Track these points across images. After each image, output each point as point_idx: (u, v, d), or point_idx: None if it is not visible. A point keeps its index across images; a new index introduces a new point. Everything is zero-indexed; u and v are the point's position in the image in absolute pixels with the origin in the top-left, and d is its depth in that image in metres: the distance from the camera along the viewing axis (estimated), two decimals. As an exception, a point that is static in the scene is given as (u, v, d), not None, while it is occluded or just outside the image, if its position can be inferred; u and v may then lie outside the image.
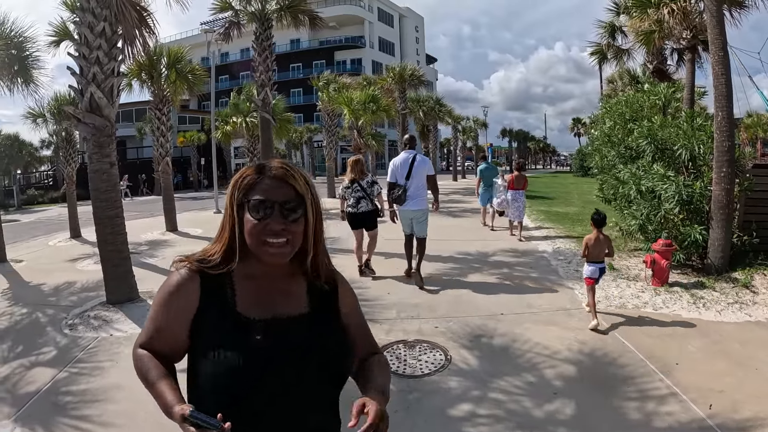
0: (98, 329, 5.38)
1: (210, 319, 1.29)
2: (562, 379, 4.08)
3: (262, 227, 1.25)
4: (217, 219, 12.70)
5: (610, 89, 31.01)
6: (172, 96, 12.42)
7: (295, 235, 1.27)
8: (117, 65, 6.01)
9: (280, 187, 1.27)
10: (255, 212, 1.25)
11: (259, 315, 1.29)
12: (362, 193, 7.33)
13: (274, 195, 1.26)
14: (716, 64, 7.13)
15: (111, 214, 6.03)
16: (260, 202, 1.25)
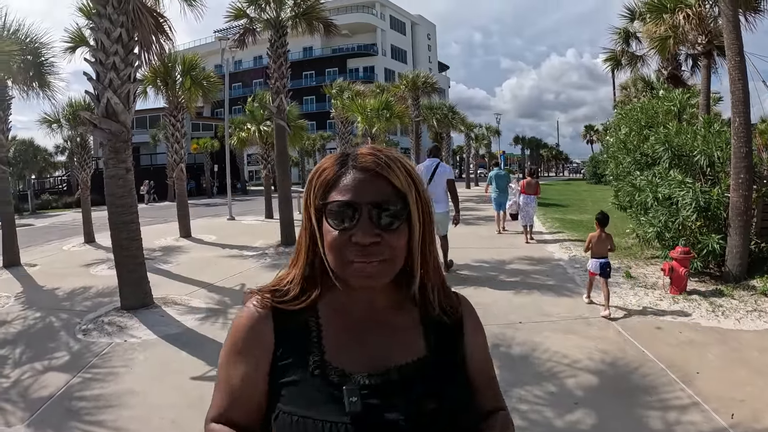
0: (112, 335, 5.37)
1: (287, 373, 0.95)
2: (582, 389, 4.02)
3: (346, 240, 0.89)
4: (230, 226, 12.93)
5: (624, 96, 30.74)
6: (187, 103, 12.52)
7: (394, 250, 0.91)
8: (133, 71, 6.03)
9: (371, 182, 0.91)
10: (335, 219, 0.90)
11: (356, 366, 0.94)
12: None
13: (360, 194, 0.90)
14: (733, 69, 7.08)
15: (126, 220, 6.03)
16: (342, 206, 0.90)
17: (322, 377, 0.92)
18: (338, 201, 0.89)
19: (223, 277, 8.20)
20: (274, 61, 10.75)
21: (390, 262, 0.90)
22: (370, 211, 0.88)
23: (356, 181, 0.90)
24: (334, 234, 0.89)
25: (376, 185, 0.90)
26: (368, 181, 0.90)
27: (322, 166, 0.96)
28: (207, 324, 5.78)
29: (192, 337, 5.35)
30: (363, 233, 0.87)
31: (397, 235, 0.90)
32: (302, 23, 10.78)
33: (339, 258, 0.90)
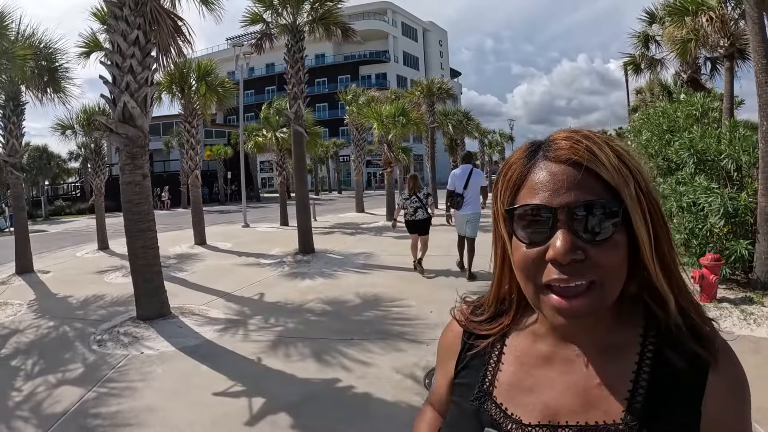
0: (128, 346, 5.18)
1: (458, 392, 0.87)
2: None
3: (538, 258, 0.70)
4: (245, 233, 12.82)
5: (639, 100, 30.42)
6: (202, 109, 12.42)
7: (605, 270, 0.68)
8: (150, 74, 5.87)
9: (569, 178, 0.69)
10: (524, 230, 0.72)
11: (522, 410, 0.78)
12: (419, 204, 8.64)
13: (555, 194, 0.69)
14: (759, 72, 6.92)
15: (143, 228, 5.86)
16: (530, 212, 0.71)
17: (477, 410, 0.80)
18: (525, 206, 0.71)
19: (240, 286, 8.02)
20: (291, 66, 10.59)
21: (599, 287, 0.68)
22: (568, 218, 0.68)
23: (549, 177, 0.70)
24: (523, 250, 0.71)
25: (576, 181, 0.69)
26: (565, 176, 0.69)
27: (509, 161, 0.77)
28: (227, 336, 5.57)
29: (211, 349, 5.14)
30: (561, 247, 0.66)
31: (609, 249, 0.68)
32: (320, 28, 10.63)
33: (530, 282, 0.71)
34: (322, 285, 8.07)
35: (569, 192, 0.68)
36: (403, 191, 9.01)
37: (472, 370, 0.86)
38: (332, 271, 9.18)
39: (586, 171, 0.68)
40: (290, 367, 4.65)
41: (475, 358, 0.86)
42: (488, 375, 0.83)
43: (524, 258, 0.70)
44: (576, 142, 0.70)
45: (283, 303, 7.00)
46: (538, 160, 0.73)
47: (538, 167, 0.72)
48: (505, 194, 0.75)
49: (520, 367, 0.81)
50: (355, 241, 13.27)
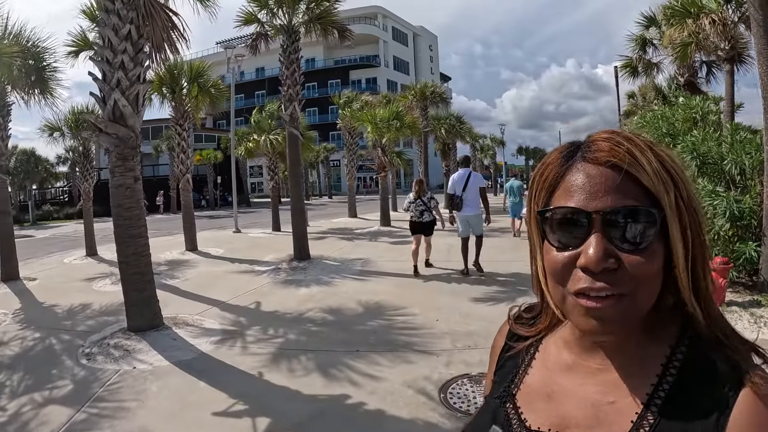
0: (119, 360, 4.83)
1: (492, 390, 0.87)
2: None
3: (569, 264, 0.66)
4: (237, 239, 12.55)
5: (631, 105, 30.53)
6: (193, 112, 12.07)
7: (639, 281, 0.64)
8: (143, 71, 5.54)
9: (607, 181, 0.65)
10: (554, 232, 0.69)
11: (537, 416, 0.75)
12: (424, 207, 9.07)
13: (591, 198, 0.66)
14: (764, 75, 6.94)
15: (134, 233, 5.52)
16: (564, 215, 0.67)
17: (496, 408, 0.81)
18: (558, 208, 0.68)
19: (235, 294, 7.70)
20: (287, 67, 10.30)
21: (630, 299, 0.63)
22: (603, 223, 0.64)
23: (586, 179, 0.66)
24: (554, 254, 0.68)
25: (614, 185, 0.65)
26: (603, 180, 0.65)
27: (546, 161, 0.74)
28: (224, 348, 5.26)
29: (209, 363, 4.82)
30: (594, 255, 0.63)
31: (645, 259, 0.63)
32: (316, 28, 10.36)
33: (558, 287, 0.68)
34: (321, 293, 7.80)
35: (606, 196, 0.64)
36: (409, 195, 9.33)
37: (506, 371, 0.86)
38: (329, 278, 8.93)
39: (626, 175, 0.64)
40: (294, 382, 4.36)
41: (510, 360, 0.86)
42: (516, 377, 0.82)
43: (554, 262, 0.67)
44: (617, 143, 0.66)
45: (281, 312, 6.72)
46: (575, 161, 0.69)
47: (576, 168, 0.68)
48: (540, 195, 0.73)
49: (544, 373, 0.79)
50: (351, 246, 13.03)
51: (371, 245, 13.24)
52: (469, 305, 6.73)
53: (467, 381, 4.29)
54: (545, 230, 0.69)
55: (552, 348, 0.81)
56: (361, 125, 19.50)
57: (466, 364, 4.64)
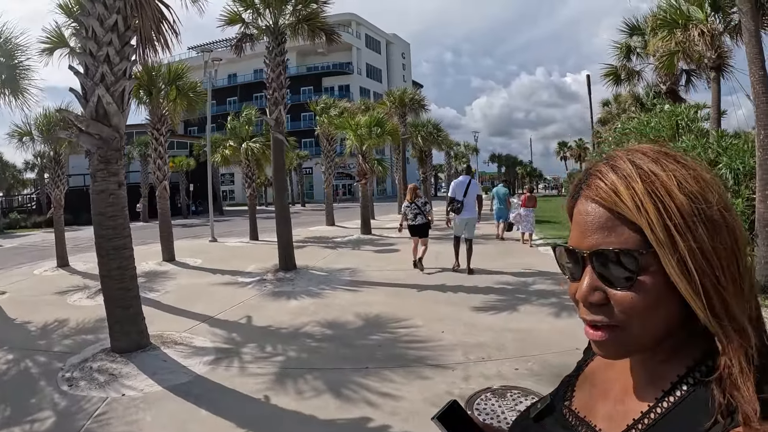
0: (105, 386, 4.31)
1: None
2: None
3: (574, 290, 0.70)
4: (215, 248, 12.00)
5: (605, 112, 30.98)
6: (171, 115, 11.47)
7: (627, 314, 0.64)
8: (129, 66, 5.04)
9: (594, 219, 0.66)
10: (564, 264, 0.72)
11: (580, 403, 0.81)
12: (418, 210, 10.01)
13: (582, 235, 0.68)
14: (756, 83, 7.19)
15: (118, 245, 5.01)
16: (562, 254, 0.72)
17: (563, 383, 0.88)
18: (561, 246, 0.72)
19: (222, 308, 7.22)
20: (273, 69, 9.86)
21: (623, 331, 0.65)
22: (591, 261, 0.66)
23: (580, 216, 0.68)
24: (569, 283, 0.72)
25: (601, 224, 0.65)
26: (591, 218, 0.66)
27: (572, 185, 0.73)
28: (220, 369, 4.80)
29: (206, 387, 4.35)
30: (583, 290, 0.67)
31: (634, 295, 0.63)
32: (304, 29, 9.96)
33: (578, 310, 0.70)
34: (314, 305, 7.40)
35: (593, 235, 0.66)
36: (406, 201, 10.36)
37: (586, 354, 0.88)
38: (319, 289, 8.54)
39: (612, 213, 0.65)
40: (306, 405, 3.95)
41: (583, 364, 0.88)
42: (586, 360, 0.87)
43: (570, 291, 0.72)
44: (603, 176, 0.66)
45: (275, 327, 6.29)
46: (580, 195, 0.70)
47: (579, 202, 0.70)
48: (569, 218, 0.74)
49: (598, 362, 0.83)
50: (335, 255, 12.65)
51: (356, 254, 12.91)
52: (471, 315, 6.49)
53: (491, 395, 4.05)
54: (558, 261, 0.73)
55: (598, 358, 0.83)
56: (340, 132, 19.21)
57: (484, 377, 4.40)
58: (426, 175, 32.02)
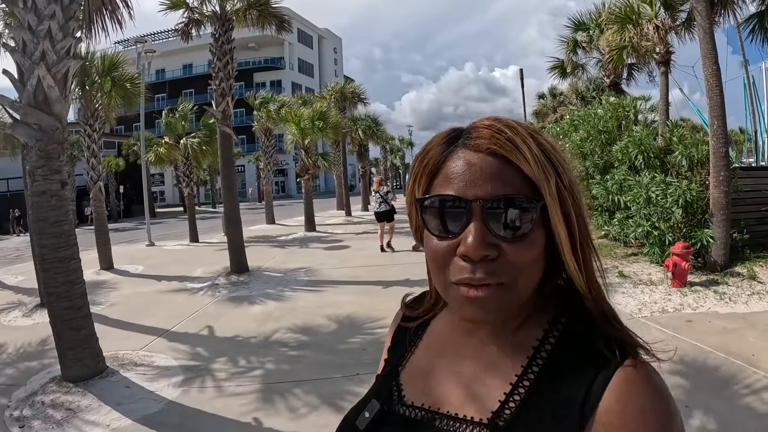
0: (64, 425, 3.60)
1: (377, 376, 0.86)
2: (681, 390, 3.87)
3: (449, 252, 0.64)
4: (154, 253, 11.07)
5: (541, 105, 31.84)
6: (105, 110, 10.44)
7: (518, 269, 0.63)
8: (74, 44, 4.30)
9: (487, 168, 0.63)
10: (434, 220, 0.66)
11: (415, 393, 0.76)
12: (381, 199, 11.36)
13: (470, 185, 0.63)
14: (710, 77, 7.54)
15: (65, 255, 4.29)
16: (442, 203, 0.65)
17: (379, 386, 0.82)
18: (437, 196, 0.66)
19: (178, 319, 6.55)
20: (219, 58, 9.13)
21: (510, 288, 0.64)
22: (483, 212, 0.63)
23: (466, 166, 0.65)
24: (434, 241, 0.67)
25: (494, 173, 0.64)
26: (483, 167, 0.64)
27: (427, 146, 0.72)
28: (194, 391, 4.20)
29: (184, 415, 3.75)
30: (473, 242, 0.62)
31: (525, 247, 0.64)
32: (253, 16, 9.29)
33: (440, 276, 0.67)
34: (278, 310, 6.92)
35: (486, 184, 0.64)
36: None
37: (395, 351, 0.86)
38: (278, 291, 8.06)
39: (507, 163, 0.64)
40: (305, 425, 3.50)
41: (401, 340, 0.86)
42: (401, 356, 0.84)
43: (435, 251, 0.67)
44: (498, 131, 0.65)
45: (243, 337, 5.75)
46: (457, 147, 0.68)
47: (456, 155, 0.67)
48: (420, 182, 0.71)
49: (427, 353, 0.81)
50: (285, 255, 12.15)
51: (306, 253, 12.46)
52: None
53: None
54: (425, 218, 0.68)
55: (437, 329, 0.82)
56: (282, 126, 18.60)
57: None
58: (365, 169, 31.70)
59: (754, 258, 7.72)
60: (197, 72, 58.53)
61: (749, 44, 11.02)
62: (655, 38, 9.83)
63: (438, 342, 0.80)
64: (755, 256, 7.78)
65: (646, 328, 5.47)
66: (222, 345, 5.50)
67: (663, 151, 9.81)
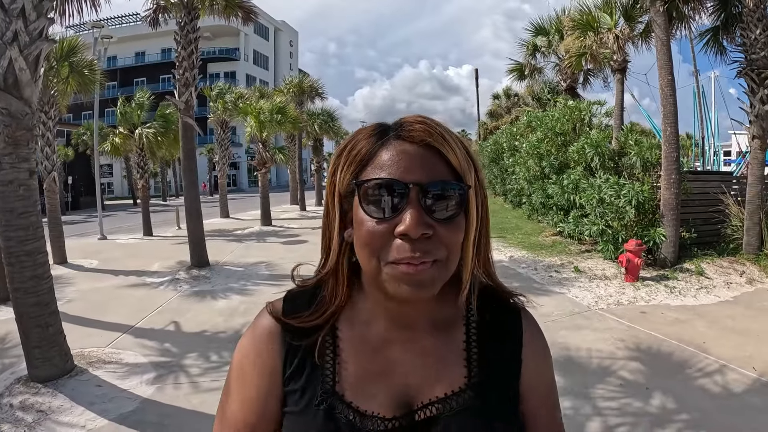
0: (36, 428, 3.45)
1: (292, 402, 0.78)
2: (641, 375, 4.22)
3: (386, 233, 0.68)
4: (108, 247, 10.69)
5: (495, 105, 32.43)
6: (60, 97, 9.97)
7: (450, 248, 0.70)
8: (47, 25, 4.11)
9: (421, 158, 0.70)
10: (373, 204, 0.69)
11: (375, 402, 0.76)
12: None
13: (408, 170, 0.69)
14: (665, 86, 7.91)
15: (31, 249, 4.12)
16: (383, 185, 0.69)
17: (328, 413, 0.74)
18: (378, 179, 0.69)
19: (142, 314, 6.39)
20: (184, 48, 8.89)
21: (443, 264, 0.70)
22: (420, 194, 0.68)
23: (402, 155, 0.71)
24: (370, 224, 0.69)
25: (428, 162, 0.71)
26: (418, 156, 0.71)
27: (354, 138, 0.75)
28: (168, 388, 4.13)
29: (161, 413, 3.68)
30: (412, 221, 0.66)
31: (454, 228, 0.71)
32: (220, 4, 9.09)
33: (374, 257, 0.69)
34: (243, 304, 6.89)
35: (422, 170, 0.69)
36: None
37: (306, 372, 0.78)
38: (241, 286, 8.02)
39: (437, 154, 0.71)
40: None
41: (306, 358, 0.78)
42: (327, 372, 0.78)
43: (371, 233, 0.69)
44: (430, 126, 0.71)
45: (211, 332, 5.69)
46: (389, 139, 0.72)
47: (391, 146, 0.72)
48: (348, 169, 0.73)
49: (360, 357, 0.78)
50: (243, 249, 12.04)
51: (264, 247, 12.42)
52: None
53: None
54: (361, 202, 0.70)
55: (356, 331, 0.80)
56: (239, 119, 18.29)
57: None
58: (320, 164, 31.50)
59: (701, 255, 8.17)
60: (150, 60, 56.64)
61: (701, 55, 11.63)
62: (614, 47, 10.19)
63: (370, 341, 0.79)
64: (702, 254, 8.23)
65: (603, 319, 5.80)
66: (191, 340, 5.41)
67: (617, 153, 10.24)
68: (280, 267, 9.36)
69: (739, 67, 8.29)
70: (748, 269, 7.57)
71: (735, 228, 8.57)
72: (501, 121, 27.67)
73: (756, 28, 7.78)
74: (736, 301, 6.40)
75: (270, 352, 0.80)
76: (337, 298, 0.79)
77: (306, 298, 0.82)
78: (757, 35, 7.80)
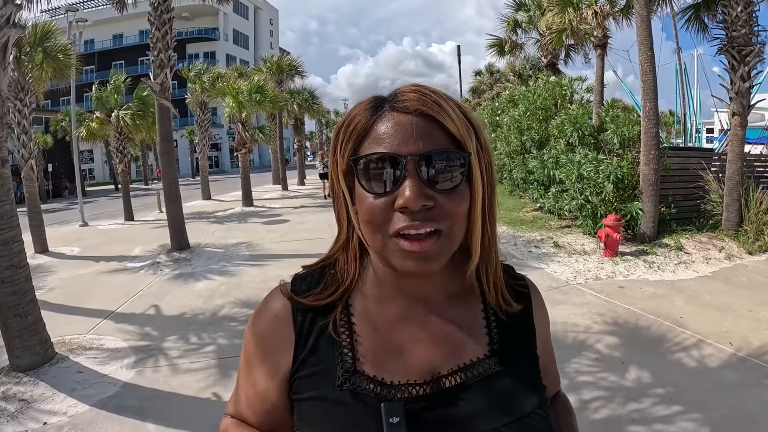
0: (19, 417, 3.49)
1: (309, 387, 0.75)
2: (617, 349, 4.30)
3: (386, 207, 0.68)
4: (89, 234, 10.63)
5: (477, 81, 32.34)
6: (35, 83, 9.78)
7: (453, 219, 0.69)
8: (15, 12, 4.04)
9: (417, 128, 0.69)
10: (370, 179, 0.69)
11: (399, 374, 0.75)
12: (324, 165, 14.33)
13: (404, 142, 0.68)
14: (645, 62, 7.93)
15: (6, 238, 4.11)
16: (378, 160, 0.68)
17: (353, 392, 0.73)
18: (372, 154, 0.69)
19: (122, 299, 6.41)
20: (158, 28, 8.76)
21: (447, 236, 0.69)
22: (418, 165, 0.67)
23: (397, 126, 0.70)
24: (370, 200, 0.69)
25: (424, 131, 0.69)
26: (414, 126, 0.69)
27: (351, 113, 0.74)
28: (148, 372, 4.20)
29: (142, 396, 3.75)
30: (411, 194, 0.66)
31: (456, 198, 0.69)
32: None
33: (378, 232, 0.69)
34: (223, 286, 6.93)
35: (418, 141, 0.68)
36: None
37: (323, 353, 0.76)
38: (221, 267, 8.03)
39: (434, 122, 0.69)
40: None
41: (321, 339, 0.77)
42: (346, 351, 0.76)
43: (372, 209, 0.69)
44: (423, 94, 0.70)
45: (191, 314, 5.74)
46: (384, 111, 0.72)
47: (385, 118, 0.71)
48: (347, 146, 0.73)
49: (378, 334, 0.77)
50: (224, 230, 12.01)
51: (245, 228, 12.38)
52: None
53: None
54: (359, 178, 0.70)
55: (371, 308, 0.79)
56: (218, 99, 18.07)
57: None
58: (301, 143, 31.34)
59: (680, 231, 8.25)
60: (128, 43, 55.39)
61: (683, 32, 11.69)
62: (594, 23, 10.15)
63: (386, 317, 0.78)
64: (682, 229, 8.32)
65: (581, 293, 5.86)
66: (171, 323, 5.46)
67: (597, 129, 10.32)
68: (261, 247, 9.45)
69: (720, 44, 8.27)
70: (727, 245, 7.66)
71: (715, 204, 8.64)
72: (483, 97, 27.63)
73: (737, 5, 7.76)
74: (715, 276, 6.43)
75: (283, 334, 0.79)
76: (349, 275, 0.80)
77: (315, 279, 0.82)
78: (738, 12, 7.77)
